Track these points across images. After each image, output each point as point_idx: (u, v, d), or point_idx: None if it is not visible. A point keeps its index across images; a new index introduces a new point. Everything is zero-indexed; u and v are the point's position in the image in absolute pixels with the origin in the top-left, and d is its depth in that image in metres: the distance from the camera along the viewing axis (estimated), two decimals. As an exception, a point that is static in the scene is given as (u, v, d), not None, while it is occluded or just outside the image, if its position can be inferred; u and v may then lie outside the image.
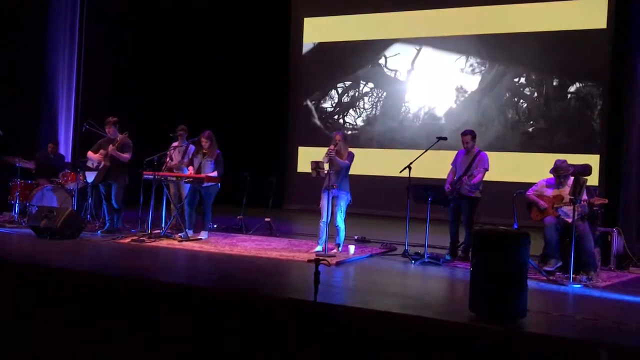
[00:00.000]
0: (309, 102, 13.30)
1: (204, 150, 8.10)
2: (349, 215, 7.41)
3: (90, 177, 8.37)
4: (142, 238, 7.64)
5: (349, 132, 12.32)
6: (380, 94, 12.67)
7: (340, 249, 7.33)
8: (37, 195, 8.73)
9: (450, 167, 7.44)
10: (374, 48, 12.68)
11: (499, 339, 4.08)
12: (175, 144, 8.72)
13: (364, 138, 12.61)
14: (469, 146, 7.23)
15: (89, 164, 8.33)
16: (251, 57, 13.17)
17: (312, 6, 13.35)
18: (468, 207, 7.14)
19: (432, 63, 12.14)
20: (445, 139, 7.55)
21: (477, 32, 11.70)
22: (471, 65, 11.76)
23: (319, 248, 7.27)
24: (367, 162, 11.45)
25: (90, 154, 8.35)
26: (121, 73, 11.51)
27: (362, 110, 12.82)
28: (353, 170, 7.40)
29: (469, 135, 7.25)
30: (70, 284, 5.42)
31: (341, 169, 7.23)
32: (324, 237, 7.17)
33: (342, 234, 7.35)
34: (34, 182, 9.12)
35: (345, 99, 12.99)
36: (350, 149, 7.42)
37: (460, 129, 8.14)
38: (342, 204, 7.27)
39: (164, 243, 7.57)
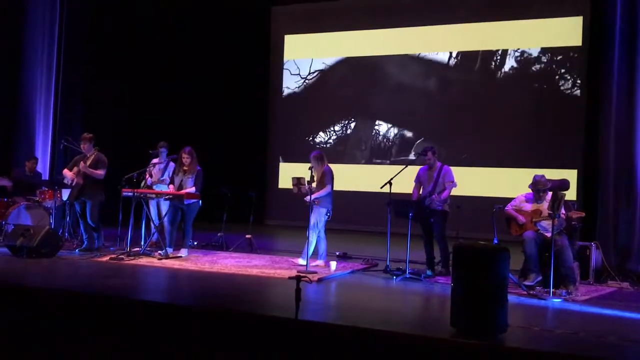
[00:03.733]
0: (288, 117, 13.30)
1: (185, 167, 8.03)
2: (329, 231, 7.43)
3: (67, 194, 8.26)
4: (121, 256, 7.55)
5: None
6: (349, 117, 12.73)
7: (320, 260, 7.42)
8: (13, 213, 8.57)
9: (414, 183, 7.53)
10: (345, 66, 12.76)
11: (480, 354, 4.09)
12: (155, 160, 8.64)
13: (339, 155, 12.58)
14: (431, 162, 7.39)
15: (65, 181, 8.24)
16: (231, 73, 13.14)
17: (292, 24, 13.41)
18: (439, 222, 7.20)
19: (405, 79, 12.22)
20: (425, 154, 7.62)
21: (455, 49, 11.83)
22: (446, 81, 11.88)
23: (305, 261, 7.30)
24: (347, 178, 11.47)
25: (65, 171, 8.26)
26: (100, 90, 11.41)
27: (332, 132, 12.88)
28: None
29: (429, 152, 7.42)
30: (48, 304, 5.32)
31: (323, 184, 7.30)
32: (308, 249, 7.29)
33: (322, 245, 7.46)
34: (10, 200, 8.97)
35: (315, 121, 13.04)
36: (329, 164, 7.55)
37: (435, 144, 8.30)
38: (320, 218, 7.41)
39: (143, 261, 7.48)
